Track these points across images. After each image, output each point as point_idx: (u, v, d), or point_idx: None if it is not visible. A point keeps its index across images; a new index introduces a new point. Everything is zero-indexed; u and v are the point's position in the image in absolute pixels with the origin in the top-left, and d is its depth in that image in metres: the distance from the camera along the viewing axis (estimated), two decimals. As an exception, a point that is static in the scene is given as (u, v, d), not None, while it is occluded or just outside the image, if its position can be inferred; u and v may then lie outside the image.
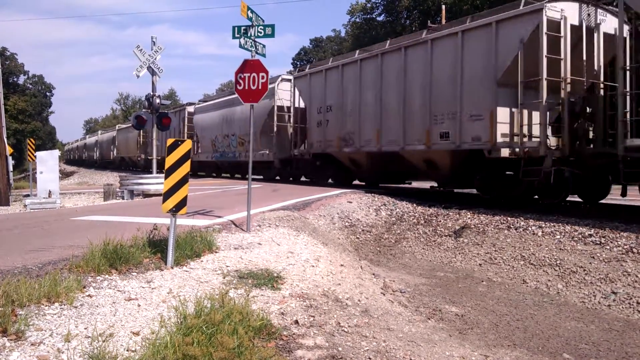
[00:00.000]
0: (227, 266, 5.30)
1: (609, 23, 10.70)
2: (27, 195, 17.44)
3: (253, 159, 16.24)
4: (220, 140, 24.17)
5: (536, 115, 10.42)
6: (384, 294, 6.26)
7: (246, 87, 7.41)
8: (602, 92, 10.63)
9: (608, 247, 7.69)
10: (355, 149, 15.09)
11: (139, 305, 3.88)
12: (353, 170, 16.59)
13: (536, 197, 11.79)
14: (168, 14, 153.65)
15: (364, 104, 14.63)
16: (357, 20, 46.51)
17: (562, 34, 10.05)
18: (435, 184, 14.09)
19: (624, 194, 10.52)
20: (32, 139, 22.30)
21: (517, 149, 10.61)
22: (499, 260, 8.35)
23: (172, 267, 5.04)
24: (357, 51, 15.92)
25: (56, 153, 17.83)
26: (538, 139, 10.16)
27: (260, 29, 7.52)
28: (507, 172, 11.64)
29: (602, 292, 6.68)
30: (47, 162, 16.54)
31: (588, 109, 10.43)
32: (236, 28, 7.50)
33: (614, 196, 11.78)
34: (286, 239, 7.07)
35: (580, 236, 8.26)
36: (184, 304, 3.59)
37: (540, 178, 9.97)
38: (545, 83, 9.88)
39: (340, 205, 11.72)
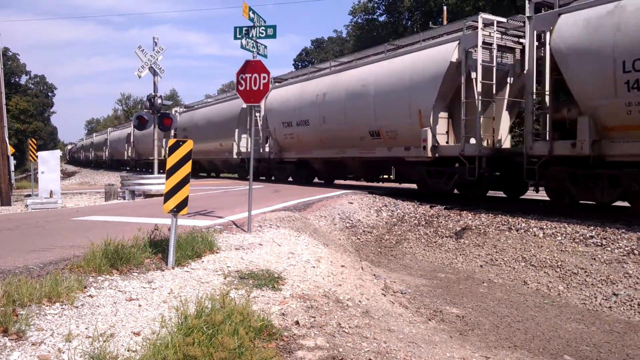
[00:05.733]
0: (228, 267, 5.30)
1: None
2: (29, 195, 17.47)
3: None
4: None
5: None
6: (384, 295, 6.26)
7: (248, 88, 7.43)
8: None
9: (609, 249, 7.68)
10: None
11: (139, 306, 3.88)
12: None
13: None
14: (170, 15, 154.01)
15: None
16: (359, 20, 46.58)
17: None
18: None
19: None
20: (33, 139, 22.32)
21: None
22: (500, 261, 8.34)
23: (173, 268, 5.04)
24: None
25: (57, 153, 17.86)
26: None
27: (262, 29, 7.53)
28: None
29: (603, 293, 6.67)
30: (48, 162, 16.57)
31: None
32: (238, 29, 7.52)
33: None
34: (287, 240, 7.07)
35: (581, 237, 8.25)
36: (185, 304, 3.59)
37: None
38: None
39: (341, 206, 11.72)
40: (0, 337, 3.02)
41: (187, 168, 5.22)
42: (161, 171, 15.90)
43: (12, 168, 19.00)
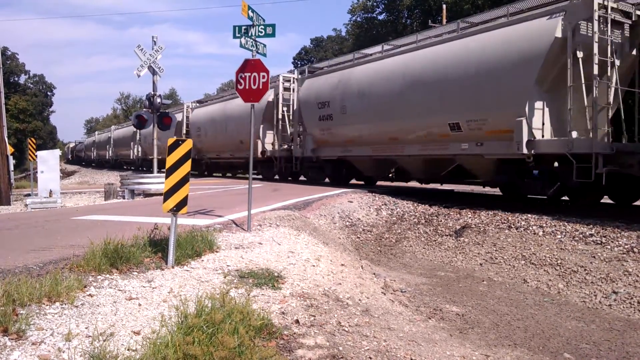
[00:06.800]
0: (228, 266, 5.30)
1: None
2: (28, 195, 17.47)
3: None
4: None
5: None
6: (384, 294, 6.27)
7: (247, 87, 7.42)
8: None
9: (609, 247, 7.68)
10: None
11: (139, 305, 3.88)
12: None
13: None
14: (169, 14, 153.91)
15: None
16: (358, 19, 46.56)
17: None
18: None
19: None
20: (33, 139, 22.33)
21: None
22: (499, 259, 8.34)
23: (173, 267, 5.04)
24: None
25: (57, 152, 17.86)
26: None
27: (261, 28, 7.52)
28: None
29: (603, 291, 6.68)
30: (48, 162, 16.57)
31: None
32: (237, 27, 7.50)
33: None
34: (287, 239, 7.07)
35: (581, 236, 8.25)
36: (185, 303, 3.59)
37: None
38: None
39: (340, 205, 11.71)
40: (0, 336, 3.01)
41: (186, 167, 5.21)
42: (161, 170, 15.91)
43: (12, 167, 19.01)
